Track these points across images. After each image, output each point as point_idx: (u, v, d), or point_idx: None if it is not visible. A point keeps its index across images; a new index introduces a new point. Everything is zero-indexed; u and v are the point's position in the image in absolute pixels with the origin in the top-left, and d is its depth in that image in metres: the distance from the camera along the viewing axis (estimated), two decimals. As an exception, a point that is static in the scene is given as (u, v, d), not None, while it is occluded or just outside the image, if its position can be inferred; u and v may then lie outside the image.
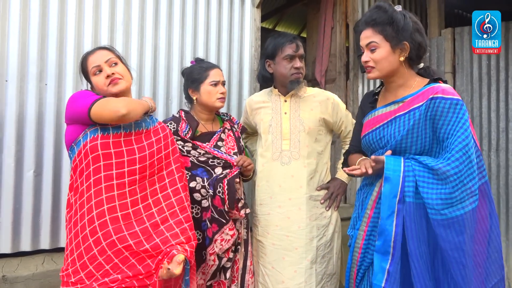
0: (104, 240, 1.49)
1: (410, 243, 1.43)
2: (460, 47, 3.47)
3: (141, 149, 1.63)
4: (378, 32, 1.54)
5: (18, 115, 2.14)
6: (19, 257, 2.14)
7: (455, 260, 1.40)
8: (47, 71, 2.22)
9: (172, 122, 2.00)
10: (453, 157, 1.39)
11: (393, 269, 1.44)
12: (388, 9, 1.55)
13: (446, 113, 1.44)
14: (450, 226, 1.39)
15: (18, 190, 2.13)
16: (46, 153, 2.20)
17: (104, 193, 1.53)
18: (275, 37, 2.13)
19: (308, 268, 2.00)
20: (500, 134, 3.32)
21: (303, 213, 2.04)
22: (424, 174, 1.43)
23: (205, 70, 2.05)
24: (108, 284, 1.46)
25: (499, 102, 3.33)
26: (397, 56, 1.55)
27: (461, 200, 1.39)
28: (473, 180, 1.40)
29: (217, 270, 1.95)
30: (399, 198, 1.45)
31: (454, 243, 1.39)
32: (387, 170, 1.48)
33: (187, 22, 2.70)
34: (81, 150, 1.55)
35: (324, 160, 2.14)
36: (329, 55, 4.00)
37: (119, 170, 1.56)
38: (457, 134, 1.41)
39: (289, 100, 2.13)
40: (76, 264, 1.48)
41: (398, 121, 1.54)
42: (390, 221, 1.46)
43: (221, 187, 1.89)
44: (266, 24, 6.46)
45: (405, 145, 1.52)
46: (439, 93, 1.46)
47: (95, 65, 1.64)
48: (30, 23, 2.18)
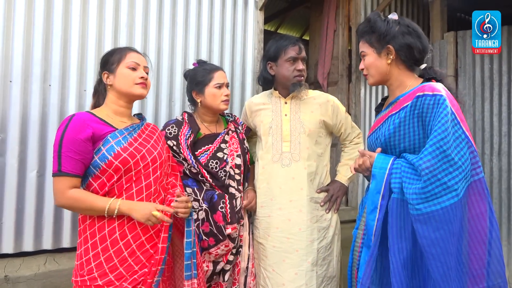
0: (134, 242, 1.55)
1: (390, 238, 1.46)
2: (462, 50, 3.47)
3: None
4: (365, 41, 1.65)
5: (21, 116, 2.15)
6: (21, 257, 2.16)
7: (433, 257, 1.37)
8: (51, 72, 2.23)
9: (174, 126, 2.00)
10: (426, 151, 1.39)
11: (372, 263, 1.49)
12: (371, 19, 1.64)
13: (432, 109, 1.45)
14: (426, 221, 1.38)
15: (21, 190, 2.15)
16: (49, 154, 2.21)
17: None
18: (277, 39, 2.14)
19: (308, 271, 2.00)
20: (503, 138, 3.31)
21: (304, 215, 2.04)
22: (408, 170, 1.46)
23: (209, 73, 2.04)
24: (137, 280, 1.52)
25: (501, 106, 3.33)
26: (383, 60, 1.62)
27: (436, 195, 1.37)
28: (450, 175, 1.36)
29: (213, 274, 1.95)
30: (382, 194, 1.50)
31: (431, 239, 1.37)
32: (374, 168, 1.54)
33: (191, 24, 2.71)
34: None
35: (324, 163, 2.15)
36: (332, 57, 4.00)
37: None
38: (435, 128, 1.41)
39: (289, 102, 2.13)
40: (104, 267, 1.49)
41: (388, 121, 1.60)
42: (373, 216, 1.51)
43: (224, 203, 1.91)
44: (268, 26, 6.48)
45: (393, 142, 1.56)
46: (425, 91, 1.47)
47: (137, 61, 1.64)
48: (35, 24, 2.19)
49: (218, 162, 2.00)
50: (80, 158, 1.48)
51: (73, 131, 1.48)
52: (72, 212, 2.26)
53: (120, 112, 1.65)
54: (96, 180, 1.53)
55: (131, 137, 1.59)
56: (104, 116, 1.59)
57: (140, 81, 1.62)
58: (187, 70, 2.18)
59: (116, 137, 1.55)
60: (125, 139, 1.57)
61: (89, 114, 1.57)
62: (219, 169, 2.00)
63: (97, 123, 1.54)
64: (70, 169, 1.47)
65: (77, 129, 1.48)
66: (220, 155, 2.03)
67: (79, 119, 1.51)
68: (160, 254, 1.57)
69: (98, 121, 1.55)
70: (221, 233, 1.88)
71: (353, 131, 2.23)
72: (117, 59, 1.62)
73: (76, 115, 1.53)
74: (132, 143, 1.58)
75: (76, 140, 1.47)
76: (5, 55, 2.12)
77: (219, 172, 2.00)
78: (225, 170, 2.01)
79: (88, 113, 1.57)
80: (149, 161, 1.61)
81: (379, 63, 1.63)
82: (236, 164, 2.04)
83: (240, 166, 2.05)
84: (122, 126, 1.61)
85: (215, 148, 2.03)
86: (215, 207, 1.89)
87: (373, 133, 1.71)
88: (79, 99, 2.30)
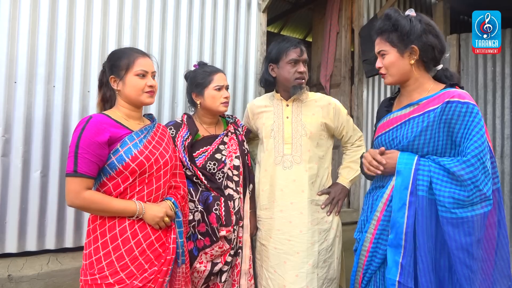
0: (144, 241, 1.57)
1: (420, 236, 1.45)
2: (465, 53, 3.47)
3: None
4: (385, 40, 1.59)
5: (26, 116, 2.17)
6: (24, 257, 2.17)
7: (460, 261, 1.41)
8: (55, 73, 2.25)
9: (172, 128, 2.02)
10: (469, 162, 1.41)
11: (406, 262, 1.45)
12: (392, 16, 1.58)
13: (463, 117, 1.45)
14: (458, 225, 1.40)
15: (25, 190, 2.16)
16: (53, 154, 2.23)
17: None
18: (279, 41, 2.14)
19: (309, 273, 2.01)
20: (505, 141, 3.31)
21: (305, 218, 2.04)
22: (439, 172, 1.45)
23: (209, 75, 2.05)
24: (147, 278, 1.54)
25: (504, 109, 3.33)
26: (406, 60, 1.57)
27: (472, 203, 1.40)
28: (487, 185, 1.41)
29: (211, 274, 1.95)
30: (410, 190, 1.48)
31: (461, 243, 1.40)
32: (399, 164, 1.52)
33: (194, 26, 2.73)
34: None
35: (325, 165, 2.15)
36: (334, 60, 4.01)
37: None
38: (473, 138, 1.42)
39: (291, 105, 2.14)
40: (115, 265, 1.51)
41: (412, 122, 1.56)
42: (402, 213, 1.48)
43: (218, 205, 1.91)
44: (271, 28, 6.49)
45: (417, 145, 1.53)
46: (455, 97, 1.47)
47: (145, 69, 1.63)
48: (39, 26, 2.21)
49: (216, 164, 2.01)
50: (96, 160, 1.50)
51: (91, 133, 1.49)
52: (75, 213, 2.27)
53: (133, 115, 1.67)
54: (111, 181, 1.55)
55: (145, 140, 1.62)
56: (119, 119, 1.61)
57: (149, 90, 1.64)
58: (187, 72, 2.18)
59: (133, 139, 1.57)
60: (141, 141, 1.59)
61: (106, 116, 1.58)
62: (217, 170, 2.01)
63: (113, 126, 1.56)
64: (86, 170, 1.49)
65: (95, 131, 1.50)
66: (218, 157, 2.03)
67: (97, 122, 1.52)
68: (172, 254, 1.61)
69: (114, 124, 1.57)
70: (214, 235, 1.89)
71: (354, 134, 2.23)
72: (125, 65, 1.62)
73: (94, 117, 1.54)
74: (147, 146, 1.61)
75: (94, 142, 1.49)
76: (10, 56, 2.14)
77: (217, 173, 2.01)
78: (223, 172, 2.02)
79: (104, 115, 1.59)
80: (161, 164, 1.64)
81: (402, 63, 1.58)
82: (234, 166, 2.04)
83: (239, 167, 2.06)
84: (137, 128, 1.63)
85: (213, 150, 2.03)
86: (209, 209, 1.90)
87: (386, 133, 1.66)
88: (83, 100, 2.32)
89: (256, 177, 2.20)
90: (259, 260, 2.14)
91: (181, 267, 1.70)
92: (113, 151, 1.52)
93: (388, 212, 1.57)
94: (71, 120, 2.28)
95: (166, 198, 1.68)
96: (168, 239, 1.63)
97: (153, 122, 1.74)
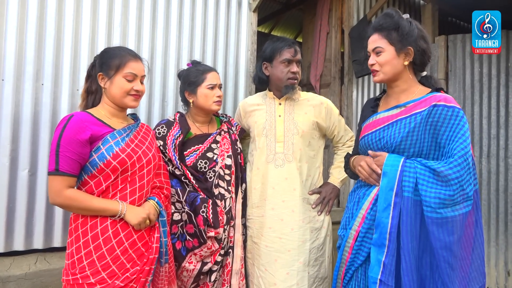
0: (126, 240, 1.56)
1: (404, 236, 1.48)
2: (453, 54, 3.52)
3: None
4: (384, 37, 1.62)
5: (13, 114, 2.14)
6: (12, 257, 2.14)
7: (444, 259, 1.45)
8: (44, 71, 2.22)
9: (164, 126, 2.01)
10: (456, 162, 1.45)
11: (388, 261, 1.49)
12: (394, 15, 1.63)
13: (449, 120, 1.50)
14: (443, 225, 1.44)
15: (12, 189, 2.13)
16: (41, 153, 2.20)
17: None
18: (273, 40, 2.15)
19: (300, 271, 2.02)
20: (491, 141, 3.36)
21: (297, 216, 2.05)
22: (425, 173, 1.49)
23: (202, 73, 2.05)
24: (129, 278, 1.53)
25: (490, 109, 3.38)
26: (401, 60, 1.61)
27: (455, 203, 1.45)
28: (470, 186, 1.46)
29: (200, 274, 1.94)
30: (396, 191, 1.51)
31: (444, 242, 1.45)
32: (385, 166, 1.56)
33: (184, 25, 2.72)
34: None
35: (316, 165, 2.17)
36: (324, 60, 4.03)
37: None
38: (459, 140, 1.47)
39: (283, 103, 2.15)
40: (96, 265, 1.49)
41: (399, 124, 1.60)
42: (386, 213, 1.51)
43: (206, 207, 1.90)
44: (262, 28, 6.50)
45: (403, 146, 1.57)
46: (441, 101, 1.52)
47: (134, 72, 1.63)
48: (28, 22, 2.18)
49: (207, 162, 2.01)
50: (77, 158, 1.49)
51: (72, 132, 1.48)
52: (63, 212, 2.25)
53: (116, 114, 1.67)
54: (92, 179, 1.54)
55: (128, 138, 1.61)
56: (101, 117, 1.61)
57: (134, 93, 1.64)
58: (181, 70, 2.18)
59: (115, 137, 1.57)
60: (123, 140, 1.58)
61: (88, 114, 1.57)
62: (208, 169, 2.01)
63: (95, 124, 1.55)
64: (68, 168, 1.48)
65: (76, 129, 1.49)
66: (210, 155, 2.03)
67: (78, 120, 1.51)
68: (154, 254, 1.60)
69: (96, 122, 1.56)
70: (202, 237, 1.88)
71: (346, 134, 2.24)
72: (116, 66, 1.61)
73: (75, 115, 1.53)
74: (129, 144, 1.60)
75: (75, 140, 1.48)
76: (-2, 53, 2.11)
77: (208, 172, 2.01)
78: (215, 170, 2.02)
79: (86, 113, 1.58)
80: (144, 163, 1.63)
81: (397, 62, 1.61)
82: (226, 165, 2.04)
83: (231, 166, 2.06)
84: (120, 127, 1.63)
85: (204, 148, 2.03)
86: (196, 211, 1.89)
87: (372, 133, 1.68)
88: (72, 98, 2.30)
89: (247, 176, 2.20)
90: (250, 258, 2.14)
91: (164, 266, 1.69)
92: (94, 149, 1.52)
93: (373, 211, 1.60)
94: (59, 119, 2.22)
95: (149, 198, 1.68)
96: (151, 238, 1.63)
97: (136, 122, 1.74)
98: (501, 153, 3.33)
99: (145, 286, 1.58)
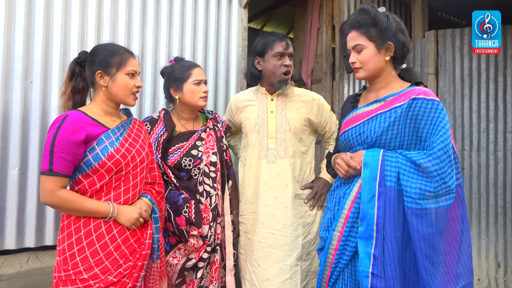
0: (119, 236, 1.56)
1: (387, 226, 1.47)
2: (443, 49, 3.54)
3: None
4: (363, 34, 1.60)
5: (3, 113, 2.12)
6: (3, 256, 2.13)
7: (421, 251, 1.44)
8: (33, 69, 2.21)
9: (148, 124, 2.00)
10: (435, 154, 1.45)
11: (378, 253, 1.47)
12: (371, 11, 1.60)
13: (428, 113, 1.50)
14: (422, 216, 1.44)
15: (3, 188, 2.12)
16: (31, 151, 2.19)
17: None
18: (265, 35, 2.15)
19: (293, 265, 2.03)
20: (481, 135, 3.39)
21: (289, 211, 2.06)
22: (406, 164, 1.48)
23: (187, 69, 2.04)
24: (122, 273, 1.53)
25: (480, 103, 3.41)
26: (382, 56, 1.60)
27: (437, 195, 1.44)
28: (452, 179, 1.46)
29: (184, 269, 1.93)
30: (379, 181, 1.50)
31: (423, 234, 1.44)
32: (365, 157, 1.55)
33: (175, 22, 2.71)
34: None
35: (307, 160, 2.18)
36: (315, 55, 4.04)
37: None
38: (439, 133, 1.47)
39: (275, 99, 2.15)
40: (89, 261, 1.50)
41: (379, 118, 1.59)
42: (372, 204, 1.49)
43: (188, 207, 1.90)
44: (254, 24, 6.48)
45: (384, 140, 1.57)
46: (421, 94, 1.52)
47: (135, 69, 1.65)
48: (16, 20, 2.16)
49: (192, 160, 2.00)
50: (72, 159, 1.49)
51: (67, 132, 1.48)
52: (55, 210, 2.24)
53: (110, 112, 1.66)
54: (86, 178, 1.54)
55: (122, 137, 1.61)
56: (95, 115, 1.60)
57: (136, 90, 1.65)
58: (163, 67, 2.16)
59: (109, 137, 1.56)
60: (117, 139, 1.58)
61: (82, 114, 1.56)
62: (193, 167, 2.00)
63: (90, 124, 1.55)
64: (62, 169, 1.48)
65: (71, 130, 1.48)
66: (195, 153, 2.02)
67: (73, 120, 1.51)
68: (147, 250, 1.61)
69: (91, 122, 1.56)
70: (183, 236, 1.88)
71: (337, 130, 2.25)
72: (117, 64, 1.61)
73: (70, 115, 1.52)
74: (124, 143, 1.60)
75: (70, 141, 1.47)
76: (-15, 51, 2.09)
77: (193, 169, 2.00)
78: (199, 168, 2.01)
79: (80, 113, 1.57)
80: (138, 161, 1.63)
81: (378, 58, 1.60)
82: (211, 162, 2.03)
83: (216, 163, 2.05)
84: (113, 125, 1.62)
85: (189, 146, 2.02)
86: (179, 211, 1.88)
87: (352, 128, 1.67)
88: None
89: (240, 172, 2.20)
90: (243, 254, 2.15)
91: (156, 262, 1.70)
92: (89, 149, 1.51)
93: (356, 209, 1.58)
94: (49, 117, 2.24)
95: (141, 195, 1.68)
96: (144, 235, 1.64)
97: (129, 118, 1.73)
98: (490, 146, 3.37)
99: (138, 281, 1.58)
